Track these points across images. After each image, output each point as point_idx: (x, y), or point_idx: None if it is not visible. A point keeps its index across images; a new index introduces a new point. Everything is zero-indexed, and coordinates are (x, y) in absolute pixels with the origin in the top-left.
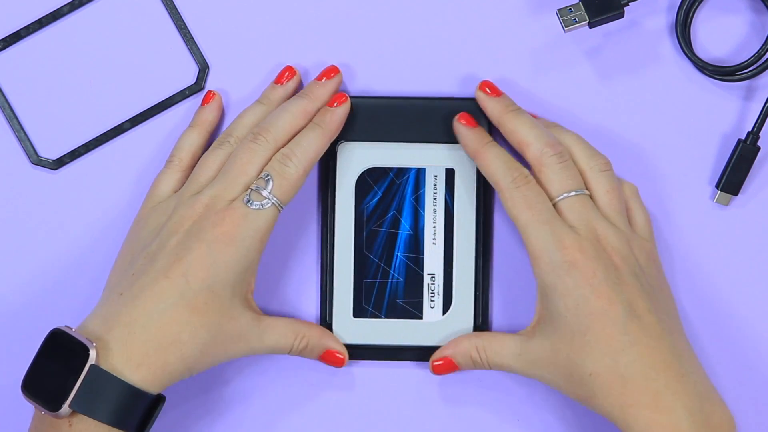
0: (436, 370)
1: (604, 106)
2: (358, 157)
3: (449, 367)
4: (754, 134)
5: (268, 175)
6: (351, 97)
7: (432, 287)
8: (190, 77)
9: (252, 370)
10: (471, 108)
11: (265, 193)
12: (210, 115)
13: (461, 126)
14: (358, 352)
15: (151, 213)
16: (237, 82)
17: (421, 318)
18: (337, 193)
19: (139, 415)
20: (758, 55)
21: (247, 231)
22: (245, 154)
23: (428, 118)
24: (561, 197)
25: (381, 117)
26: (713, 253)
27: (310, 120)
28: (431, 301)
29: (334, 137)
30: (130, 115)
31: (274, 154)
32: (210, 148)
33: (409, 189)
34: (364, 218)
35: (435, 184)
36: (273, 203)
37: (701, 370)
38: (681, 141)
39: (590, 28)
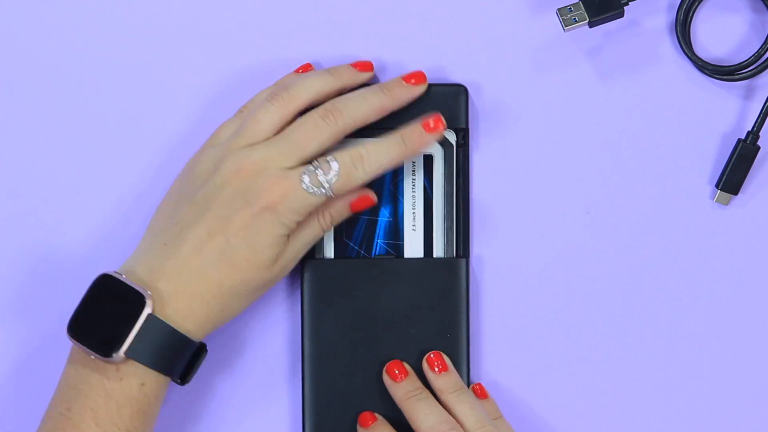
0: None
1: (604, 106)
2: (337, 144)
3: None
4: (754, 134)
5: (336, 164)
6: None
7: None
8: None
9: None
10: (448, 93)
11: (323, 179)
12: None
13: (387, 378)
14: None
15: (202, 157)
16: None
17: None
18: None
19: (185, 362)
20: (758, 55)
21: (293, 206)
22: (311, 128)
23: (406, 104)
24: None
25: None
26: (713, 252)
27: (381, 115)
28: None
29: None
30: None
31: (338, 138)
32: (265, 101)
33: (388, 176)
34: None
35: (413, 171)
36: (326, 193)
37: None
38: (681, 141)
39: (590, 27)
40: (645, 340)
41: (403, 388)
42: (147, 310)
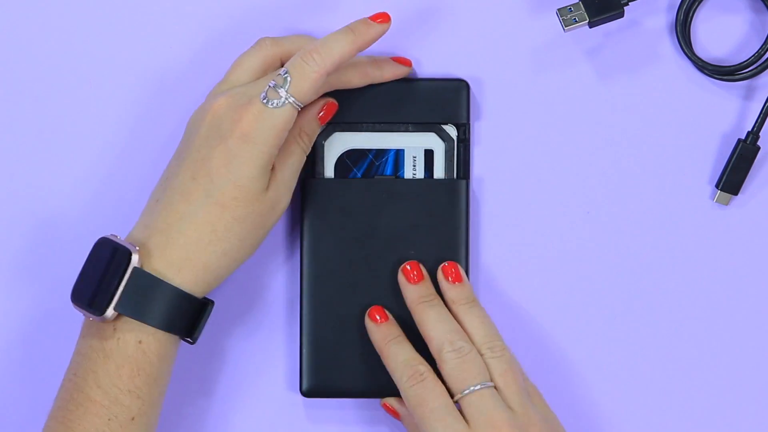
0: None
1: (604, 106)
2: (338, 140)
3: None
4: (754, 134)
5: (286, 72)
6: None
7: None
8: None
9: None
10: (449, 87)
11: (282, 91)
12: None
13: (402, 278)
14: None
15: (192, 114)
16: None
17: None
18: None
19: (187, 318)
20: (758, 55)
21: (262, 128)
22: (288, 68)
23: (407, 99)
24: (463, 393)
25: (360, 100)
26: (713, 253)
27: (354, 52)
28: None
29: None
30: None
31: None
32: (248, 50)
33: (389, 170)
34: None
35: (414, 165)
36: (289, 102)
37: None
38: (681, 141)
39: (590, 27)
40: (645, 341)
41: (416, 291)
42: (133, 265)
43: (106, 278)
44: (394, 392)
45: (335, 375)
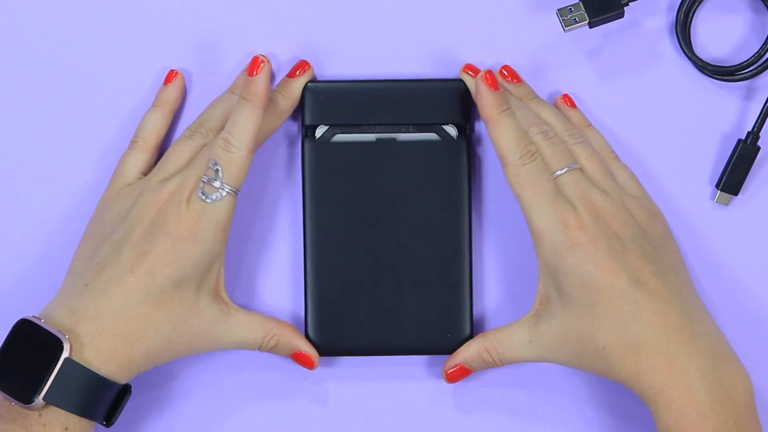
0: (451, 378)
1: (604, 106)
2: (339, 141)
3: (463, 372)
4: (754, 134)
5: (216, 164)
6: (330, 81)
7: None
8: None
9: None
10: (449, 88)
11: (217, 184)
12: (172, 94)
13: (483, 85)
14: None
15: (117, 196)
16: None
17: None
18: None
19: (107, 404)
20: (758, 55)
21: (208, 226)
22: (213, 157)
23: (408, 100)
24: (555, 174)
25: (361, 101)
26: (713, 253)
27: (281, 121)
28: None
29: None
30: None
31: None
32: (180, 137)
33: None
34: None
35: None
36: (227, 192)
37: (714, 327)
38: (681, 141)
39: (590, 28)
40: None
41: (496, 97)
42: (64, 354)
43: (35, 366)
44: (400, 350)
45: (341, 333)
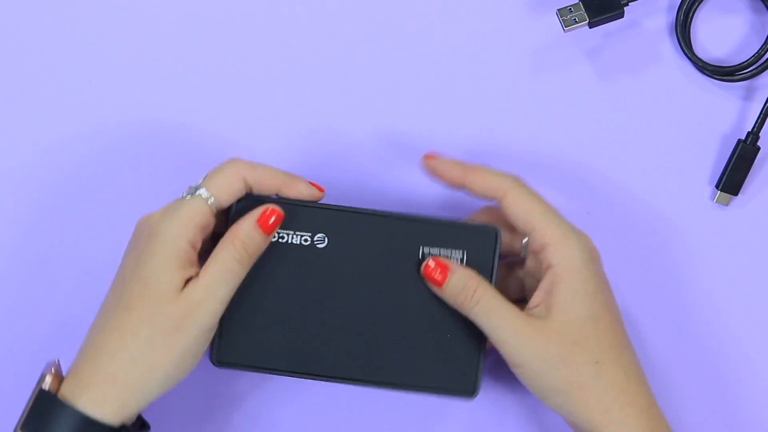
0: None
1: (604, 106)
2: None
3: (443, 268)
4: (754, 134)
5: (205, 177)
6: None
7: None
8: None
9: None
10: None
11: (194, 186)
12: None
13: (434, 162)
14: None
15: None
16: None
17: None
18: None
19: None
20: (758, 55)
21: (169, 221)
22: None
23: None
24: None
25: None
26: (713, 253)
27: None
28: None
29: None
30: None
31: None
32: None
33: None
34: None
35: None
36: (200, 194)
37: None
38: (681, 141)
39: (590, 28)
40: (644, 341)
41: (455, 166)
42: (40, 387)
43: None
44: (311, 370)
45: (250, 347)
